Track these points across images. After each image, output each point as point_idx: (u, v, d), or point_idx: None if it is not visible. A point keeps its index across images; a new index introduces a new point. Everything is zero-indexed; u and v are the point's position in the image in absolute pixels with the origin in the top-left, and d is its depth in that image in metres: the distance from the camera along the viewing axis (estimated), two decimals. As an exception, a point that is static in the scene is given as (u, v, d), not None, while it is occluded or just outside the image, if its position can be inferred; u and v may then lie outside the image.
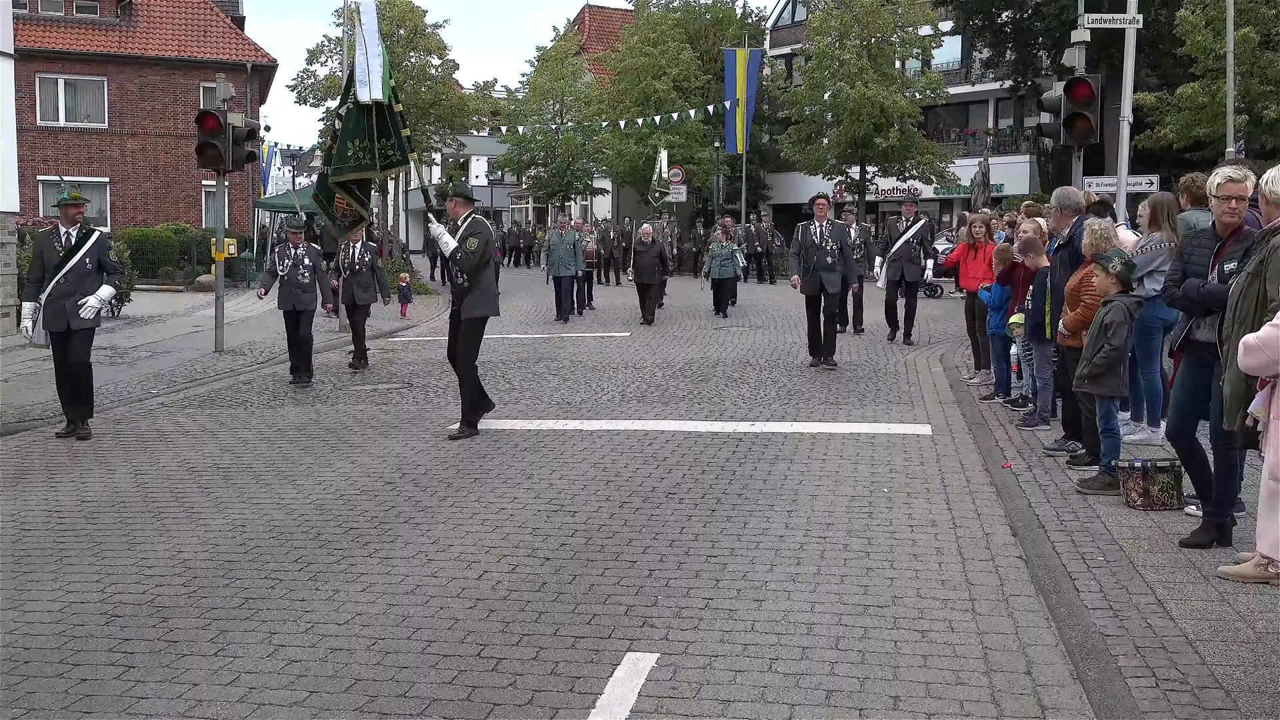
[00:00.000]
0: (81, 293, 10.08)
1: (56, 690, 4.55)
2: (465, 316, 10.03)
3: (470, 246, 9.88)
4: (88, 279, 10.18)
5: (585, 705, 4.35)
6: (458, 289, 10.15)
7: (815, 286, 13.92)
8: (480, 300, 10.07)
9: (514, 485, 8.02)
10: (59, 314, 10.09)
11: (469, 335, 10.09)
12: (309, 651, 4.92)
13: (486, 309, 10.17)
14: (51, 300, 10.09)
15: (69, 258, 10.12)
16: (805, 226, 14.25)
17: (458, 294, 10.16)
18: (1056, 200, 9.10)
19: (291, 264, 13.99)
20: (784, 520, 6.97)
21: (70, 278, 10.09)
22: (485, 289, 10.11)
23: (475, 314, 10.05)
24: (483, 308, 10.12)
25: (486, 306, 10.16)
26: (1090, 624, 5.03)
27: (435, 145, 43.71)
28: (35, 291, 10.16)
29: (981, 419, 10.18)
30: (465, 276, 9.95)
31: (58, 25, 35.11)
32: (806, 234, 14.06)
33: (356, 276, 15.15)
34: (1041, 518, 6.78)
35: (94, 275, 10.26)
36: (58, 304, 10.08)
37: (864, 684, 4.51)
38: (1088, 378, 7.45)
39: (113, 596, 5.73)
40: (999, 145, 44.81)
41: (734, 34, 46.82)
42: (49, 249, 10.25)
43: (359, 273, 15.15)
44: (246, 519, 7.22)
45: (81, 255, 10.15)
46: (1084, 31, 15.17)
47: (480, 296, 10.05)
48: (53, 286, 10.07)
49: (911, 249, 16.38)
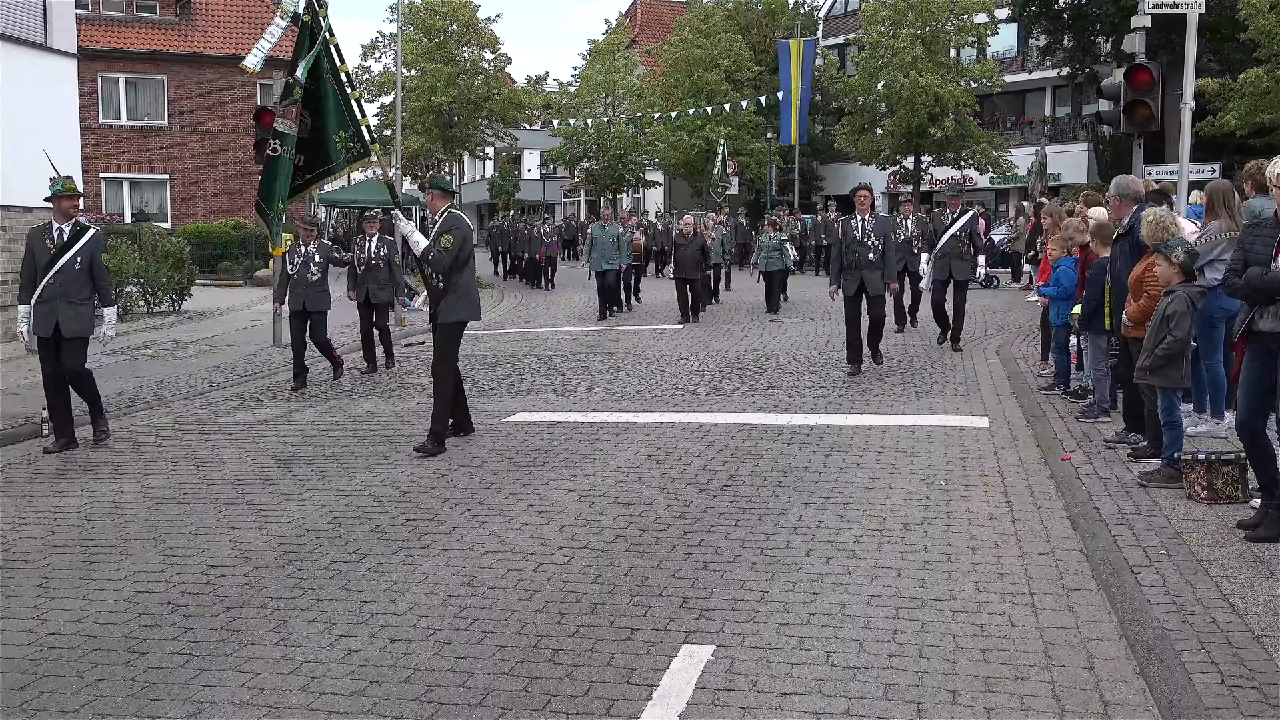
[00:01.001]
0: (68, 299, 9.35)
1: (124, 677, 4.64)
2: (442, 321, 9.18)
3: (445, 244, 8.95)
4: (76, 282, 9.41)
5: (642, 697, 4.36)
6: (434, 291, 9.22)
7: (855, 287, 12.79)
8: (458, 304, 9.17)
9: (568, 478, 8.05)
10: (46, 317, 9.38)
11: (446, 341, 9.23)
12: (368, 641, 4.98)
13: (465, 313, 9.28)
14: (40, 303, 9.39)
15: (59, 256, 9.40)
16: (846, 220, 13.26)
17: (434, 296, 9.24)
18: (1115, 189, 8.95)
19: (301, 262, 13.12)
20: (839, 513, 6.93)
21: (59, 279, 9.36)
22: (464, 291, 9.19)
23: (453, 318, 9.19)
24: (461, 312, 9.22)
25: (465, 311, 9.27)
26: (1153, 619, 4.95)
27: (488, 140, 43.93)
28: (28, 293, 9.46)
29: (1040, 411, 10.06)
30: (440, 277, 9.06)
31: (119, 25, 35.70)
32: (847, 229, 12.95)
33: (372, 272, 13.98)
34: (1102, 511, 6.69)
35: (83, 278, 9.47)
36: (45, 307, 9.38)
37: (922, 678, 4.48)
38: (1150, 369, 7.33)
39: (177, 586, 5.83)
40: (1056, 133, 44.24)
41: (787, 24, 46.61)
42: (40, 246, 9.49)
43: (375, 268, 13.99)
44: (306, 511, 7.31)
45: (73, 254, 9.42)
46: (1144, 16, 14.93)
47: (458, 299, 9.15)
48: (42, 288, 9.36)
49: (959, 244, 14.57)
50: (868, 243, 12.68)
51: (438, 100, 37.73)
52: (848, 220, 13.14)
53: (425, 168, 44.96)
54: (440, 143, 39.31)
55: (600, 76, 46.84)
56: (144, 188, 36.06)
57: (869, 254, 12.63)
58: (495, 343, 17.49)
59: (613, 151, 47.04)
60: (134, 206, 35.60)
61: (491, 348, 16.64)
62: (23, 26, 17.31)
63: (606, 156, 47.34)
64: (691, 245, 20.01)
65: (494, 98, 40.63)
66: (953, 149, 39.00)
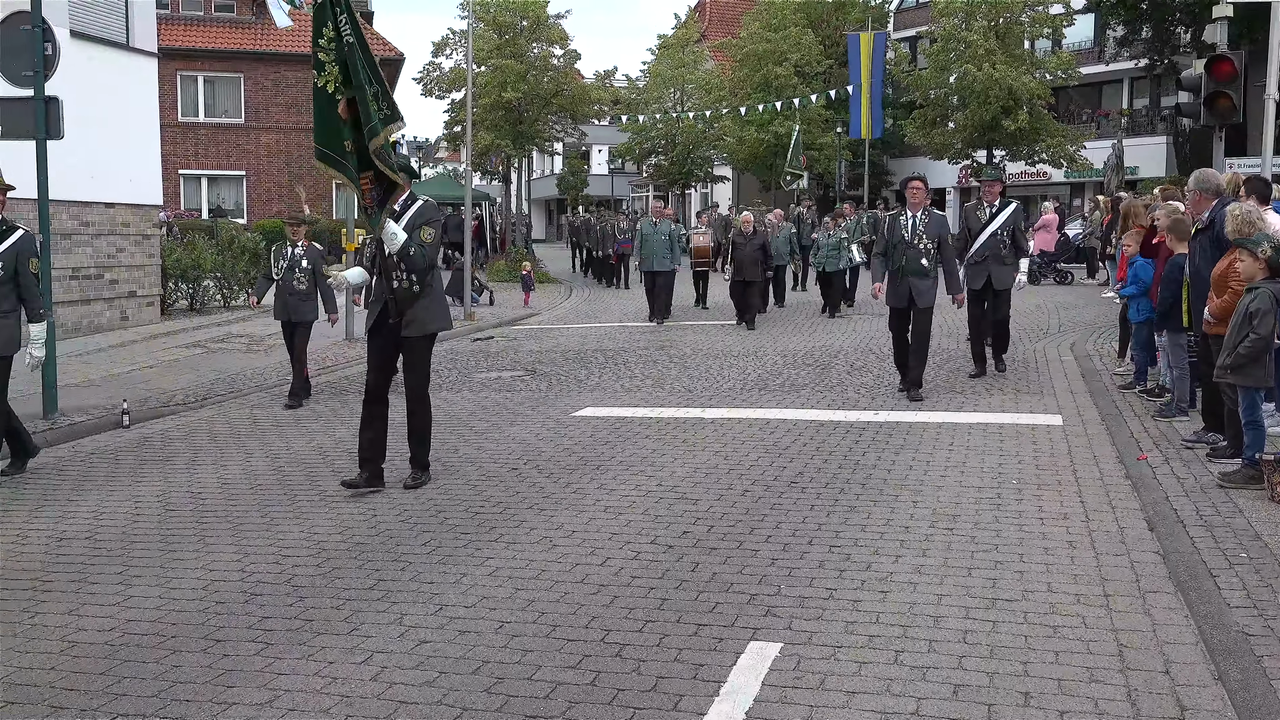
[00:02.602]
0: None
1: (200, 664, 4.75)
2: (415, 334, 7.74)
3: (425, 237, 7.63)
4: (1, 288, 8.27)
5: (709, 693, 4.36)
6: (403, 295, 7.63)
7: (903, 295, 10.92)
8: (434, 310, 7.84)
9: (636, 473, 8.06)
10: None
11: (420, 358, 7.88)
12: (438, 633, 5.03)
13: (442, 322, 7.99)
14: None
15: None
16: (894, 217, 11.35)
17: (402, 302, 7.64)
18: (1195, 183, 8.76)
19: (287, 265, 11.65)
20: (909, 511, 6.87)
21: None
22: (438, 295, 7.93)
23: (429, 329, 7.84)
24: (438, 320, 7.92)
25: (442, 319, 7.98)
26: (1233, 623, 4.84)
27: (557, 135, 44.08)
28: None
29: (1116, 409, 9.87)
30: (415, 280, 7.63)
31: (197, 24, 36.43)
32: (895, 227, 11.04)
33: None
34: (1180, 512, 6.55)
35: (7, 286, 8.29)
36: None
37: (993, 679, 4.43)
38: (1231, 367, 7.16)
39: (251, 576, 5.94)
40: (1134, 126, 43.32)
41: (857, 17, 46.16)
42: None
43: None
44: (377, 503, 7.40)
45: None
46: (1226, 6, 14.58)
47: (432, 305, 7.81)
48: None
49: (999, 245, 11.98)
50: (918, 244, 10.80)
51: (508, 96, 37.92)
52: (895, 216, 11.28)
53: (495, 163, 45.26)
54: (510, 138, 39.50)
55: (669, 71, 46.79)
56: (220, 184, 36.77)
57: (920, 258, 10.79)
58: (563, 338, 17.59)
59: (681, 146, 46.98)
60: (211, 202, 36.33)
61: (559, 343, 16.73)
62: (106, 27, 17.76)
63: (675, 151, 47.29)
64: (751, 244, 18.28)
65: (563, 93, 40.73)
66: (1026, 142, 38.34)
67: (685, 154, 47.01)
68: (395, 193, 7.52)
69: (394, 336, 7.73)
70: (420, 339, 7.79)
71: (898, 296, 11.02)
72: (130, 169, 18.22)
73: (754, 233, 18.48)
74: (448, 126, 44.22)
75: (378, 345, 7.83)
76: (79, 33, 16.49)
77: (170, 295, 20.66)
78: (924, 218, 10.92)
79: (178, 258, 20.84)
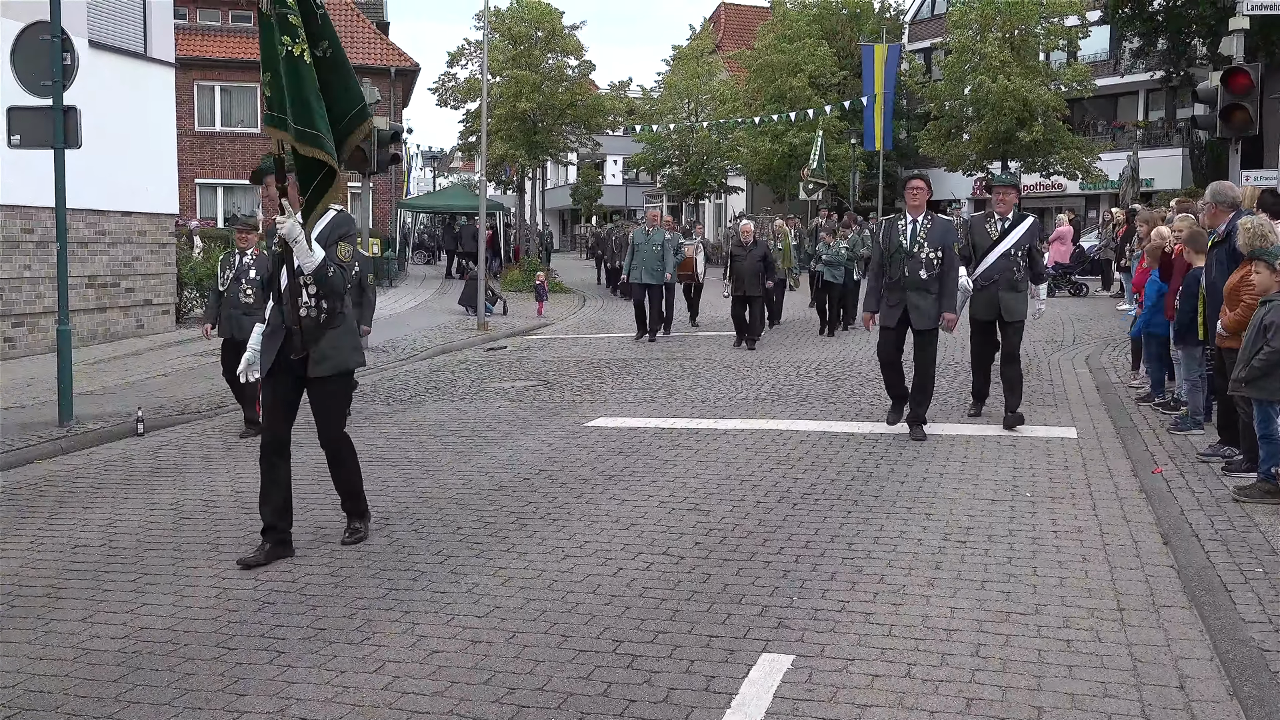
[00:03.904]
0: None
1: (213, 673, 4.75)
2: (326, 373, 6.44)
3: (343, 255, 6.42)
4: None
5: (720, 705, 4.35)
6: (310, 327, 6.32)
7: (898, 314, 9.48)
8: (347, 343, 6.56)
9: (648, 484, 8.06)
10: None
11: (334, 401, 6.65)
12: (450, 643, 5.03)
13: (356, 357, 6.72)
14: None
15: None
16: (890, 221, 9.80)
17: (308, 334, 6.32)
18: (1211, 195, 8.74)
19: (233, 277, 10.38)
20: (922, 523, 6.85)
21: None
22: (351, 325, 6.64)
23: (346, 365, 6.61)
24: (354, 355, 6.67)
25: (356, 353, 6.71)
26: (1248, 638, 4.81)
27: (571, 145, 44.19)
28: None
29: (1131, 422, 9.83)
30: (326, 307, 6.37)
31: (214, 34, 36.65)
32: (890, 233, 9.54)
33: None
34: (1195, 526, 6.52)
35: None
36: None
37: (1005, 693, 4.41)
38: (1246, 380, 7.13)
39: (265, 584, 5.95)
40: (1149, 138, 43.24)
41: (871, 29, 46.20)
42: None
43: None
44: (390, 512, 7.42)
45: None
46: (1243, 18, 14.53)
47: (345, 337, 6.53)
48: None
49: (1012, 267, 9.83)
50: (919, 254, 9.32)
51: (523, 107, 38.04)
52: (893, 221, 9.72)
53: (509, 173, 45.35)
54: (524, 149, 39.61)
55: (684, 82, 46.87)
56: (236, 193, 36.94)
57: (920, 270, 9.31)
58: (576, 347, 17.60)
59: (695, 157, 47.03)
60: (227, 211, 36.51)
61: (572, 352, 16.75)
62: (124, 37, 17.89)
63: (689, 162, 47.35)
64: (751, 255, 16.82)
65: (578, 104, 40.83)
66: (1041, 154, 38.28)
67: (699, 165, 47.07)
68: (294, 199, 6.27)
69: (297, 377, 6.43)
70: (333, 379, 6.51)
71: (892, 314, 9.49)
72: (147, 178, 18.33)
73: (754, 243, 17.22)
74: (463, 136, 44.41)
75: (277, 389, 6.44)
76: (97, 43, 16.61)
77: (185, 304, 20.75)
78: (926, 223, 9.41)
79: (193, 266, 20.94)
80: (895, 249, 9.43)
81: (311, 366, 6.36)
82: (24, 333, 16.06)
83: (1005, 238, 9.86)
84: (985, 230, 10.04)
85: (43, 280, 16.06)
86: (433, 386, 13.43)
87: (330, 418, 6.65)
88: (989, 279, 9.86)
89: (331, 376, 6.49)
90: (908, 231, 9.40)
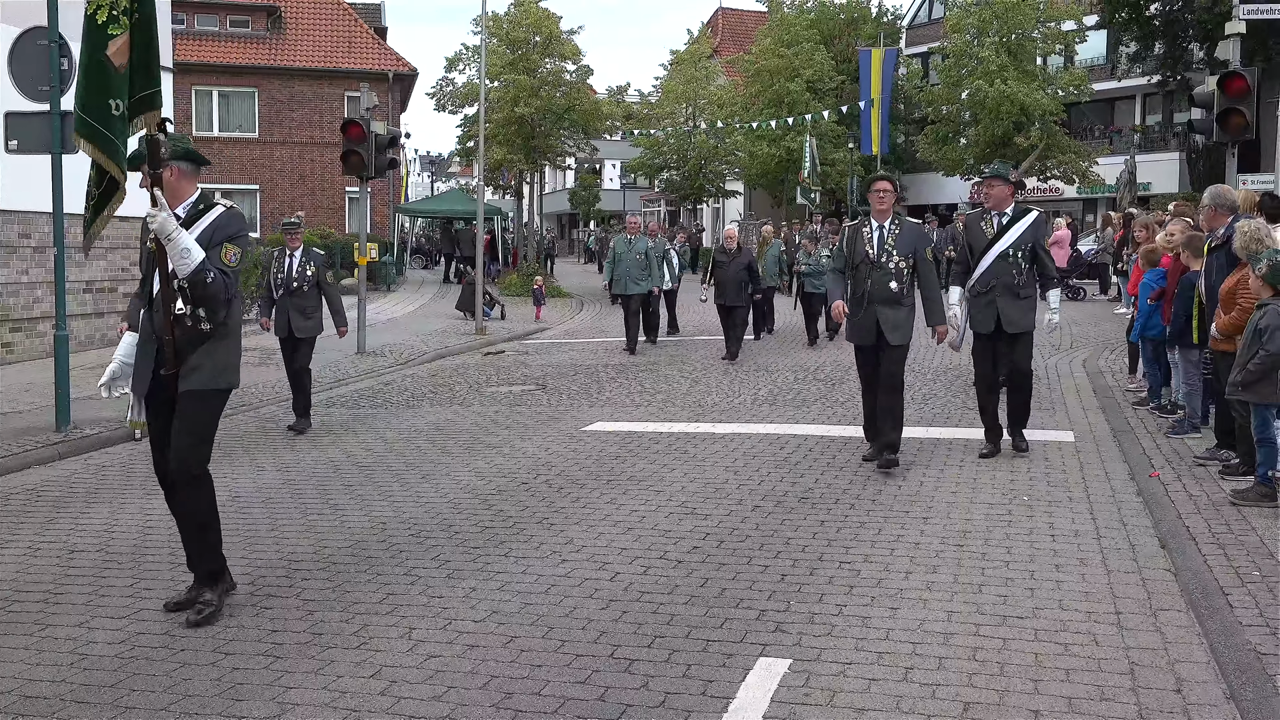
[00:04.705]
0: None
1: (210, 677, 4.75)
2: (197, 387, 5.50)
3: (227, 259, 5.53)
4: None
5: (718, 709, 4.34)
6: (185, 337, 5.46)
7: (869, 330, 8.47)
8: (226, 357, 5.67)
9: (645, 488, 8.06)
10: None
11: (200, 420, 5.57)
12: (447, 647, 5.03)
13: (232, 375, 5.73)
14: None
15: None
16: (855, 228, 8.69)
17: (182, 345, 5.47)
18: (1210, 199, 8.74)
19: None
20: (919, 527, 6.85)
21: None
22: (234, 336, 5.76)
23: (218, 383, 5.63)
24: (229, 372, 5.71)
25: (232, 370, 5.74)
26: (1245, 642, 4.81)
27: (569, 150, 44.19)
28: None
29: (1128, 426, 9.84)
30: (205, 314, 5.49)
31: (212, 40, 36.69)
32: (855, 240, 8.54)
33: (293, 297, 10.90)
34: (1192, 529, 6.52)
35: None
36: None
37: (1003, 696, 4.41)
38: (1242, 384, 7.14)
39: (261, 589, 5.95)
40: (1146, 142, 43.28)
41: (869, 33, 46.23)
42: None
43: (298, 291, 10.91)
44: (387, 516, 7.41)
45: None
46: (1239, 22, 14.53)
47: (226, 349, 5.66)
48: None
49: (1011, 270, 8.68)
50: (886, 264, 8.38)
51: (520, 111, 38.04)
52: (857, 228, 8.65)
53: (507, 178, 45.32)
54: (522, 153, 39.60)
55: (681, 87, 46.89)
56: (235, 198, 36.90)
57: (889, 281, 8.35)
58: (573, 352, 17.60)
59: (693, 162, 47.05)
60: (225, 215, 36.51)
61: (570, 357, 16.75)
62: (121, 42, 17.85)
63: (687, 166, 47.36)
64: (734, 264, 16.15)
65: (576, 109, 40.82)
66: (1039, 158, 38.34)
67: (697, 169, 47.09)
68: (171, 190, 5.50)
69: (172, 393, 5.54)
70: (204, 393, 5.54)
71: (863, 331, 8.55)
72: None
73: (738, 250, 16.54)
74: (461, 141, 44.40)
75: (161, 415, 5.62)
76: (95, 48, 16.59)
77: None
78: (894, 228, 8.48)
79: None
80: (860, 260, 8.47)
81: (181, 379, 5.49)
82: (21, 338, 16.06)
83: (1002, 236, 8.73)
84: (981, 229, 8.89)
85: (40, 285, 16.07)
86: (430, 391, 13.43)
87: (193, 440, 5.53)
88: (986, 284, 8.72)
89: (203, 391, 5.52)
90: (874, 238, 8.45)
